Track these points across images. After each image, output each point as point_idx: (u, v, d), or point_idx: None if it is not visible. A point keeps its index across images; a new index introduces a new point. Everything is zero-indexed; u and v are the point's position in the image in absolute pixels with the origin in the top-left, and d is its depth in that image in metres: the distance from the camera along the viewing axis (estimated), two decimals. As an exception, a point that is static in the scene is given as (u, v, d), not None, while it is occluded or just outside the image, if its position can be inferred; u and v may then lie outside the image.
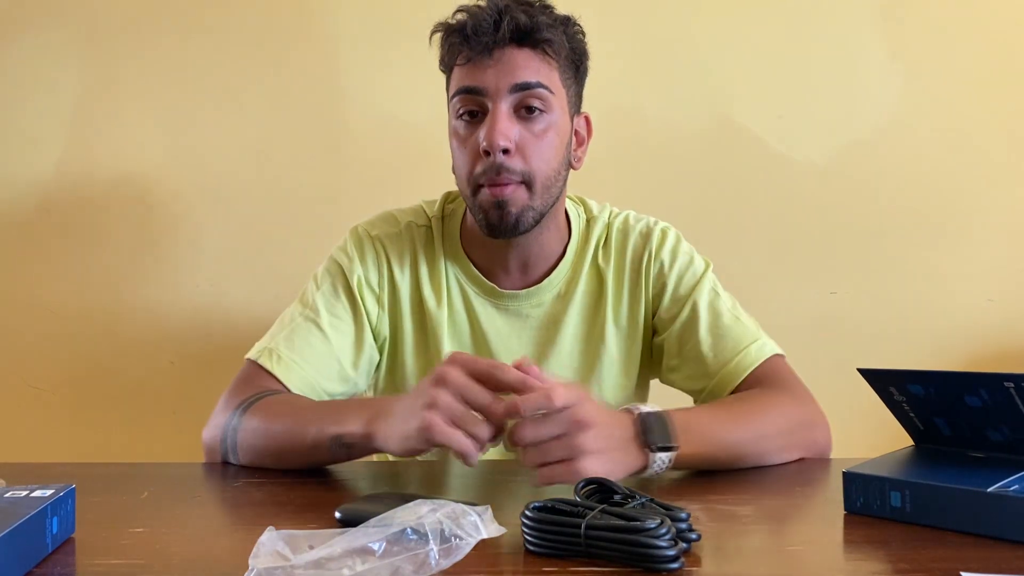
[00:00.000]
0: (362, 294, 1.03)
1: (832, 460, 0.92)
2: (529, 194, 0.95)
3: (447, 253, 1.06)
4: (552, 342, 1.05)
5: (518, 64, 0.94)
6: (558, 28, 0.96)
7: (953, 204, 1.57)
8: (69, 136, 1.59)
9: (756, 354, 0.98)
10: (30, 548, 0.61)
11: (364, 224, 1.08)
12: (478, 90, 0.94)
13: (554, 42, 0.95)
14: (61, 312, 1.60)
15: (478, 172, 0.95)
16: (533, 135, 0.95)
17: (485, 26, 0.92)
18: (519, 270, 1.05)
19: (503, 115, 0.93)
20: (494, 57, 0.93)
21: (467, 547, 0.55)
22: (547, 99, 0.95)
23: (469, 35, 0.93)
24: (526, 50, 0.94)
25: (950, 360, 1.56)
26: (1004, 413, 0.70)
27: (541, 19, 0.94)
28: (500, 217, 0.95)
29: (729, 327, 1.01)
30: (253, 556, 0.53)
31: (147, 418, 1.59)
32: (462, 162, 0.97)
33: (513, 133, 0.93)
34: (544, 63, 0.95)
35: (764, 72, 1.57)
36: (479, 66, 0.94)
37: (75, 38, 1.58)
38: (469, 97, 0.95)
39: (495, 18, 0.93)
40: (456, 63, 0.96)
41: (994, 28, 1.56)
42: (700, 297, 1.03)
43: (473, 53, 0.94)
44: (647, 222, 1.08)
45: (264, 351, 0.98)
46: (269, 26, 1.58)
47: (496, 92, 0.93)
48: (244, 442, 0.89)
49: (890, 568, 0.61)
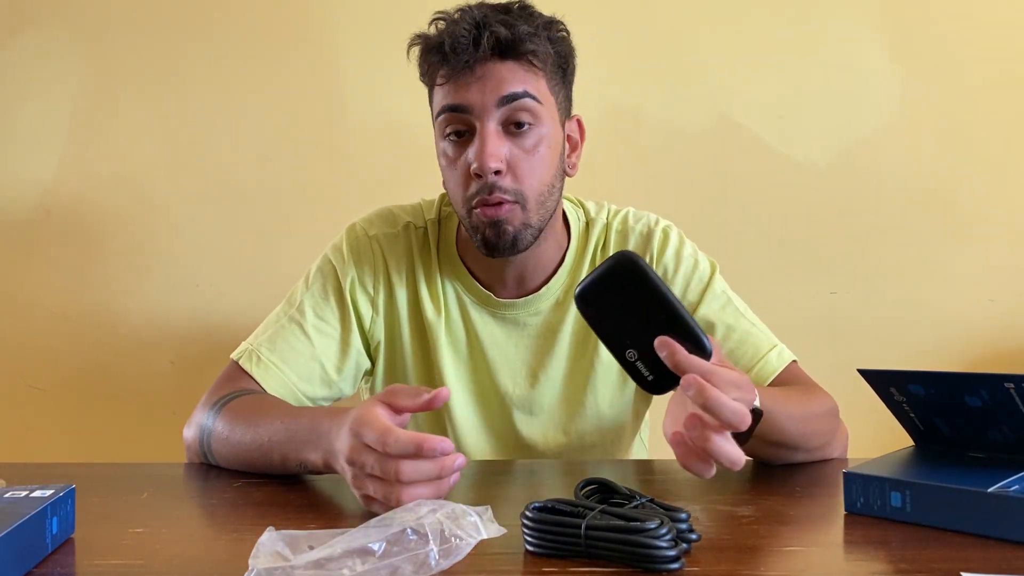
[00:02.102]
0: (355, 297, 1.01)
1: (832, 460, 0.92)
2: (524, 212, 0.92)
3: (443, 260, 1.04)
4: (549, 351, 1.03)
5: (503, 77, 0.90)
6: (541, 35, 0.91)
7: (953, 204, 1.56)
8: (69, 136, 1.59)
9: (777, 361, 0.97)
10: (30, 548, 0.61)
11: (362, 222, 1.06)
12: (463, 108, 0.90)
13: (538, 51, 0.91)
14: (61, 312, 1.60)
15: (470, 193, 0.91)
16: (524, 151, 0.91)
17: (464, 42, 0.88)
18: (516, 282, 1.02)
19: (491, 134, 0.89)
20: (476, 73, 0.89)
21: (467, 547, 0.55)
22: (536, 110, 0.91)
23: (448, 52, 0.89)
24: (509, 62, 0.90)
25: (950, 360, 1.56)
26: (1004, 413, 0.70)
27: (523, 28, 0.90)
28: (497, 236, 0.92)
29: (747, 333, 0.98)
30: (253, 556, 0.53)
31: (147, 418, 1.59)
32: (453, 184, 0.94)
33: (503, 152, 0.90)
34: (530, 73, 0.91)
35: (764, 72, 1.57)
36: (461, 83, 0.90)
37: (75, 38, 1.58)
38: (454, 115, 0.91)
39: (474, 32, 0.88)
40: (436, 82, 0.93)
41: (994, 28, 1.55)
42: (711, 304, 1.00)
43: (454, 70, 0.90)
44: (647, 222, 1.05)
45: (246, 352, 0.98)
46: (269, 26, 1.57)
47: (482, 109, 0.90)
48: (217, 451, 0.89)
49: (890, 568, 0.61)
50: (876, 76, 1.56)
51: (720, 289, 1.02)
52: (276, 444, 0.82)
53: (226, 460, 0.89)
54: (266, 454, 0.83)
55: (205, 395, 0.95)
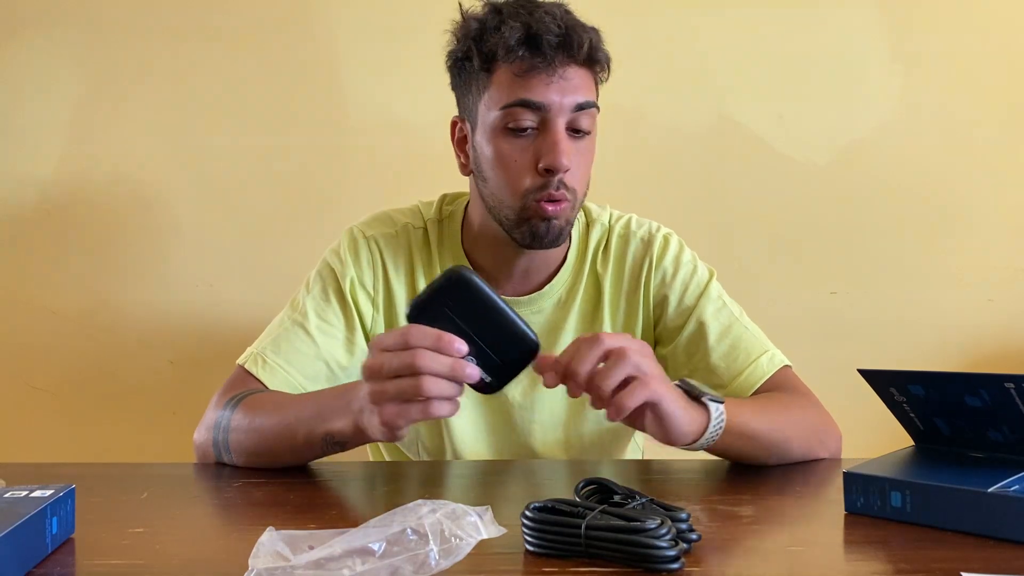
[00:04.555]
0: (355, 296, 1.02)
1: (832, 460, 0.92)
2: (572, 211, 0.96)
3: (445, 257, 1.05)
4: (551, 350, 1.02)
5: (579, 83, 0.93)
6: (603, 48, 0.96)
7: (953, 204, 1.56)
8: (69, 136, 1.59)
9: (768, 366, 0.98)
10: (30, 548, 0.61)
11: (359, 225, 1.07)
12: (540, 106, 0.91)
13: (603, 63, 0.96)
14: (61, 312, 1.60)
15: (530, 187, 0.93)
16: (580, 154, 0.95)
17: (553, 40, 0.90)
18: (522, 277, 1.03)
19: (564, 135, 0.92)
20: (559, 73, 0.91)
21: (467, 547, 0.55)
22: (595, 118, 0.96)
23: (540, 47, 0.90)
24: (584, 69, 0.94)
25: (950, 360, 1.56)
26: (1004, 413, 0.70)
27: (595, 39, 0.94)
28: (547, 230, 0.94)
29: (739, 337, 1.00)
30: (253, 556, 0.53)
31: (147, 418, 1.59)
32: (511, 173, 0.94)
33: (573, 153, 0.93)
34: (593, 81, 0.96)
35: (764, 72, 1.57)
36: (540, 80, 0.91)
37: (75, 39, 1.58)
38: (526, 110, 0.92)
39: (562, 34, 0.91)
40: (513, 72, 0.92)
41: (994, 28, 1.55)
42: (707, 307, 1.02)
43: (536, 67, 0.91)
44: (649, 228, 1.06)
45: (251, 356, 0.99)
46: (269, 26, 1.57)
47: (559, 110, 0.92)
48: (236, 443, 0.89)
49: (890, 568, 0.61)
50: (876, 76, 1.56)
51: (716, 294, 1.03)
52: (303, 420, 0.84)
53: (244, 450, 0.89)
54: (291, 434, 0.85)
55: (213, 399, 0.96)
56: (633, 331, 1.04)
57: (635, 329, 1.04)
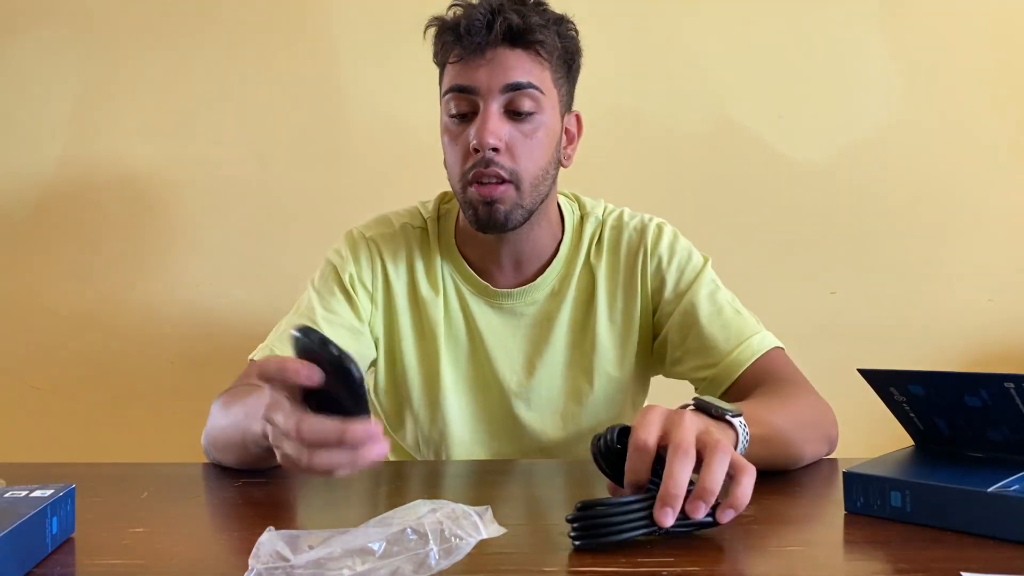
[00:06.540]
0: (355, 290, 1.04)
1: (832, 460, 0.92)
2: (518, 193, 0.96)
3: (442, 252, 1.07)
4: (546, 340, 1.05)
5: (510, 64, 0.94)
6: (551, 28, 0.96)
7: (953, 204, 1.56)
8: (69, 136, 1.59)
9: (758, 345, 0.98)
10: (30, 548, 0.61)
11: (359, 227, 1.09)
12: (470, 89, 0.95)
13: (546, 43, 0.95)
14: (61, 312, 1.60)
15: (467, 168, 0.95)
16: (523, 135, 0.95)
17: (478, 25, 0.93)
18: (513, 267, 1.05)
19: (493, 114, 0.94)
20: (486, 56, 0.94)
21: (467, 547, 0.55)
22: (538, 100, 0.96)
23: (462, 34, 0.94)
24: (518, 51, 0.95)
25: (950, 360, 1.56)
26: (1004, 413, 0.70)
27: (534, 20, 0.94)
28: (489, 214, 0.96)
29: (731, 318, 1.01)
30: (253, 556, 0.53)
31: (147, 418, 1.59)
32: (453, 159, 0.98)
33: (503, 132, 0.94)
34: (536, 63, 0.96)
35: (764, 72, 1.57)
36: (471, 65, 0.94)
37: (75, 38, 1.58)
38: (460, 96, 0.96)
39: (488, 18, 0.93)
40: (448, 61, 0.97)
41: (994, 28, 1.56)
42: (700, 289, 1.03)
43: (465, 52, 0.94)
44: (642, 218, 1.08)
45: (260, 350, 1.00)
46: (269, 26, 1.58)
47: (488, 92, 0.94)
48: (211, 439, 0.89)
49: (890, 568, 0.61)
50: (876, 76, 1.56)
51: (710, 278, 1.05)
52: (239, 424, 0.79)
53: (218, 451, 0.88)
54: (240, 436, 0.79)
55: None
56: (631, 320, 1.05)
57: (633, 317, 1.05)
